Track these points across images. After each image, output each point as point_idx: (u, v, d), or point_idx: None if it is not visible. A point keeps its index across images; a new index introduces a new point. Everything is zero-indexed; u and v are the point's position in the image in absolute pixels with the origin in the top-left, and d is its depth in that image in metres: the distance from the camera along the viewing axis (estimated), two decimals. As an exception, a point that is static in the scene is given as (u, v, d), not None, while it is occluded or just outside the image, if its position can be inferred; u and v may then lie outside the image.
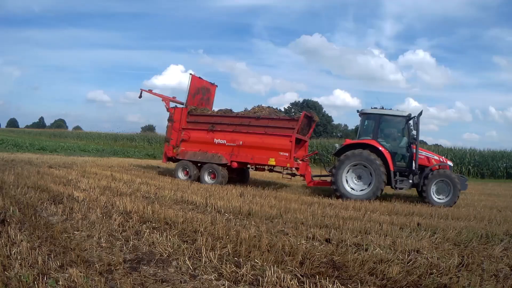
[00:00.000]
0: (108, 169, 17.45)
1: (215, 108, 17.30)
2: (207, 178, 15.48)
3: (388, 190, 14.89)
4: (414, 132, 14.04)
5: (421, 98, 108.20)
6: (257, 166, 15.67)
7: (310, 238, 6.89)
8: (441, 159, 14.23)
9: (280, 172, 15.86)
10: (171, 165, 18.08)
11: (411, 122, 14.29)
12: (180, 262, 5.12)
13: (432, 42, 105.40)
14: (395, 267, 5.35)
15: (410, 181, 13.59)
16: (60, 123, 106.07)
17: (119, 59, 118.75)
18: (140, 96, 17.49)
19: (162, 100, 17.06)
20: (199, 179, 15.55)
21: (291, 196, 12.73)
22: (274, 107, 16.35)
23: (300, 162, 15.06)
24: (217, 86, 18.55)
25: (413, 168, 13.57)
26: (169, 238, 6.14)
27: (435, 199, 13.24)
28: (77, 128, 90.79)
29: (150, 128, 78.80)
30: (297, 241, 6.46)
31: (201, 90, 17.45)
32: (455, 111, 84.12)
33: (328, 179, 14.99)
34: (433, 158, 14.14)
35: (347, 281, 4.89)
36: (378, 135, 14.02)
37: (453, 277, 5.22)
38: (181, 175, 15.97)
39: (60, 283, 4.15)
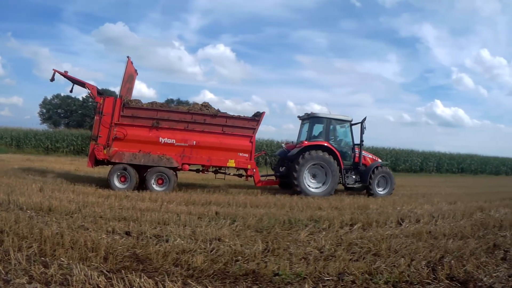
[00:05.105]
0: None
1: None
2: (154, 184, 13.49)
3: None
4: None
5: (218, 91, 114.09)
6: (203, 168, 14.68)
7: (110, 232, 6.88)
8: (374, 158, 16.86)
9: (225, 173, 15.10)
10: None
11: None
12: (-8, 267, 4.79)
13: (236, 38, 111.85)
14: (199, 257, 5.57)
15: (354, 177, 15.92)
16: None
17: None
18: (52, 79, 13.93)
19: (86, 87, 14.10)
20: (140, 187, 13.49)
21: (88, 190, 12.30)
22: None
23: None
24: (138, 74, 16.61)
25: (358, 166, 15.96)
26: (-23, 241, 5.72)
27: (378, 191, 15.77)
28: None
29: None
30: (98, 236, 6.40)
31: (129, 77, 15.13)
32: (251, 104, 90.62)
33: (273, 178, 16.44)
34: (368, 156, 16.64)
35: (153, 274, 4.97)
36: (329, 137, 15.78)
37: (261, 262, 5.60)
38: (116, 182, 13.35)
39: None
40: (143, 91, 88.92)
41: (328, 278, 5.11)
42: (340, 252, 6.24)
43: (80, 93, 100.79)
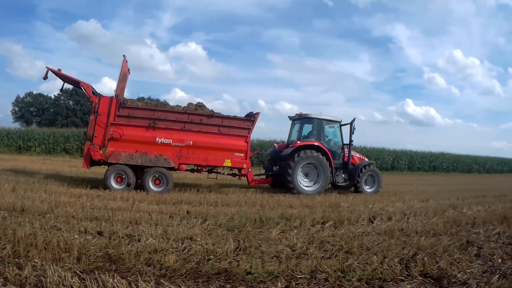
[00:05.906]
0: None
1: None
2: (152, 185, 13.38)
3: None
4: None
5: (188, 89, 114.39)
6: (198, 168, 14.80)
7: (82, 232, 6.80)
8: (362, 157, 17.67)
9: (218, 173, 15.36)
10: None
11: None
12: (-29, 270, 4.70)
13: (208, 36, 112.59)
14: (171, 256, 5.57)
15: (343, 175, 16.64)
16: None
17: None
18: (46, 77, 13.57)
19: (81, 86, 13.83)
20: (137, 187, 13.37)
21: (60, 189, 12.07)
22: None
23: None
24: (130, 73, 16.16)
25: (347, 165, 16.68)
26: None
27: (366, 189, 16.59)
28: None
29: None
30: (71, 236, 6.32)
31: (124, 76, 14.95)
32: (222, 103, 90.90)
33: (265, 177, 16.89)
34: (356, 156, 17.38)
35: (126, 274, 4.95)
36: (321, 137, 16.31)
37: (233, 261, 5.60)
38: (113, 183, 13.14)
39: None
40: (114, 88, 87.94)
41: (300, 276, 5.13)
42: (312, 250, 6.28)
43: (52, 90, 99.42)
